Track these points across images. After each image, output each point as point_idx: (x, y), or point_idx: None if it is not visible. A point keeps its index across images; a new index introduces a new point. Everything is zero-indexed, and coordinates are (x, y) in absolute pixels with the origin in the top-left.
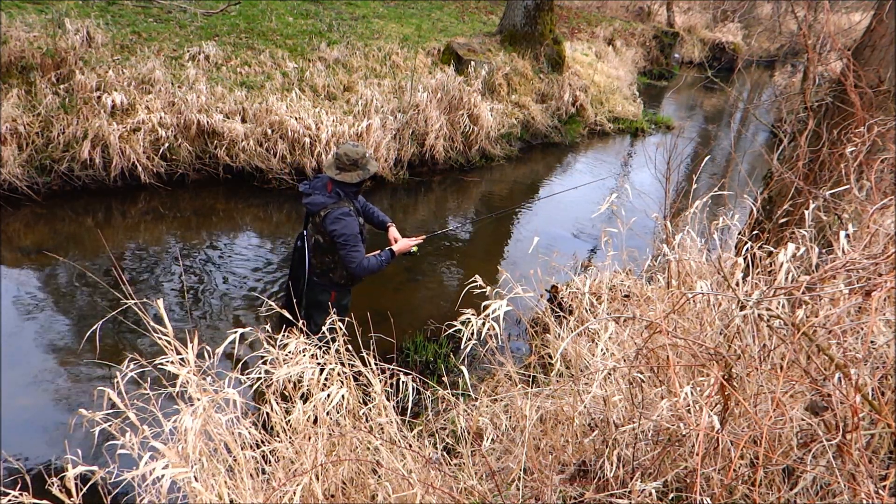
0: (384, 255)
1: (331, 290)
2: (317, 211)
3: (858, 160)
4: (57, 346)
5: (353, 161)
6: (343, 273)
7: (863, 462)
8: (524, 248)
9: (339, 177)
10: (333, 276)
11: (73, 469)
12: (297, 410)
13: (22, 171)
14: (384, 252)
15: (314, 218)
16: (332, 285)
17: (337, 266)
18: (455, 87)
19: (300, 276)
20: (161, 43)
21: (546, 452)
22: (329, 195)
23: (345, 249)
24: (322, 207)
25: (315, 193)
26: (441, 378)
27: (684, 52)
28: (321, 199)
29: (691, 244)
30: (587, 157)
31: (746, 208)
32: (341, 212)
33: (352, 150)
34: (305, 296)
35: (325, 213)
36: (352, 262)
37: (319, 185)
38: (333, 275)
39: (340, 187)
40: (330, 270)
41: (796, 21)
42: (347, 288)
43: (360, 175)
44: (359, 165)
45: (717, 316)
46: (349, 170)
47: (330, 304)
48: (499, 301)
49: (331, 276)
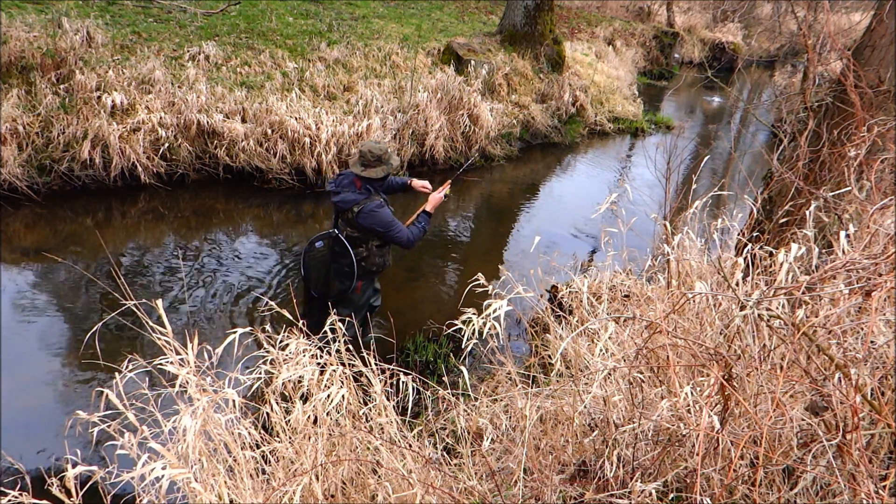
0: (422, 218)
1: (358, 280)
2: (349, 207)
3: (858, 160)
4: (57, 346)
5: (377, 157)
6: (374, 261)
7: (863, 462)
8: (524, 248)
9: (365, 173)
10: (366, 265)
11: (73, 469)
12: (296, 410)
13: (22, 171)
14: (420, 216)
15: (346, 214)
16: (363, 274)
17: (370, 255)
18: (455, 87)
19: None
20: (161, 43)
21: (546, 452)
22: (359, 192)
23: (390, 233)
24: (354, 203)
25: (344, 191)
26: (441, 378)
27: (684, 52)
28: (352, 197)
29: (691, 244)
30: (587, 157)
31: (746, 208)
32: (375, 205)
33: (375, 147)
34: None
35: (359, 208)
36: (401, 241)
37: (346, 183)
38: (366, 263)
39: (368, 182)
40: (363, 259)
41: (796, 21)
42: (373, 277)
43: (385, 170)
44: (382, 161)
45: (717, 316)
46: (374, 165)
47: (354, 295)
48: (499, 301)
49: (363, 264)
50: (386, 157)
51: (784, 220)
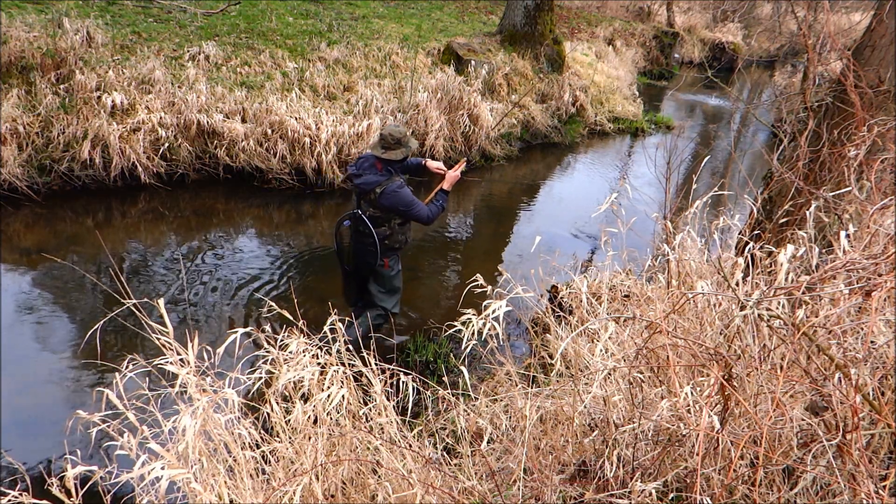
0: (440, 196)
1: (384, 257)
2: (371, 189)
3: (859, 160)
4: (57, 346)
5: (396, 140)
6: (398, 238)
7: (863, 462)
8: (524, 248)
9: (386, 155)
10: (389, 242)
11: (73, 469)
12: (297, 410)
13: (22, 171)
14: (438, 194)
15: (368, 196)
16: (385, 251)
17: (393, 233)
18: (455, 87)
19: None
20: (161, 43)
21: (546, 452)
22: (381, 173)
23: (411, 212)
24: (376, 185)
25: (365, 174)
26: (441, 378)
27: (684, 52)
28: (374, 178)
29: (691, 244)
30: (587, 157)
31: (746, 208)
32: (396, 185)
33: (395, 130)
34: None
35: (381, 189)
36: (422, 218)
37: (367, 166)
38: (389, 241)
39: (388, 164)
40: (386, 238)
41: (796, 21)
42: (398, 253)
43: (404, 152)
44: (402, 143)
45: (717, 316)
46: (394, 148)
47: (384, 271)
48: (499, 301)
49: (386, 242)
50: (405, 140)
51: (784, 220)
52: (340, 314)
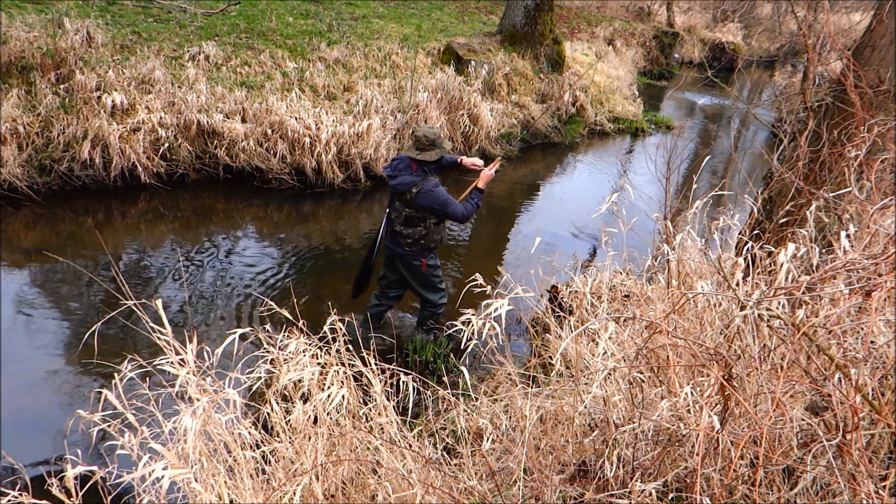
0: (474, 194)
1: (420, 257)
2: (407, 189)
3: (859, 160)
4: (57, 345)
5: (431, 141)
6: (433, 238)
7: (863, 462)
8: (524, 247)
9: (421, 156)
10: (425, 242)
11: (73, 469)
12: (297, 410)
13: (22, 171)
14: (473, 192)
15: (404, 196)
16: (423, 251)
17: (429, 232)
18: (455, 87)
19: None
20: (161, 43)
21: (546, 452)
22: (416, 174)
23: (447, 211)
24: (412, 185)
25: (401, 175)
26: (441, 378)
27: (684, 52)
28: (409, 179)
29: (691, 244)
30: (587, 157)
31: (746, 208)
32: (432, 185)
33: (430, 132)
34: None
35: (417, 189)
36: (457, 216)
37: (402, 167)
38: (425, 241)
39: (423, 165)
40: (422, 237)
41: (796, 21)
42: (434, 252)
43: (438, 153)
44: (436, 144)
45: (718, 316)
46: (429, 149)
47: (422, 270)
48: (499, 301)
49: (422, 242)
50: (440, 141)
51: (784, 220)
52: (340, 314)
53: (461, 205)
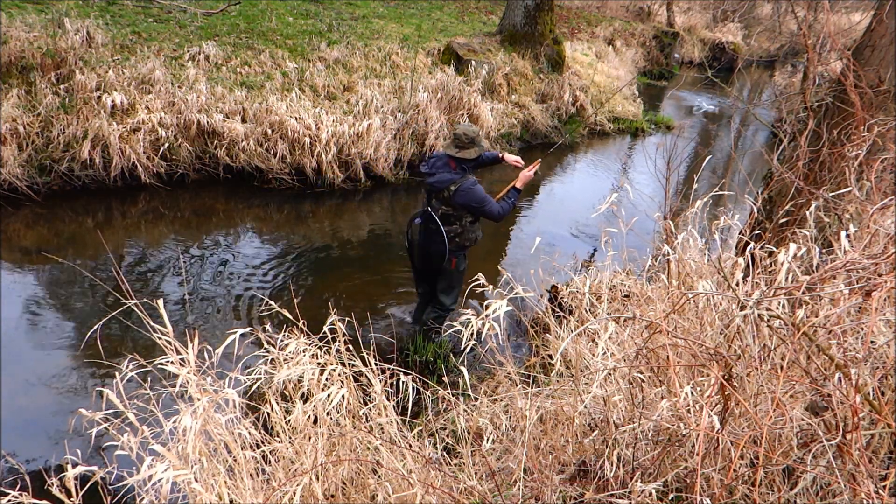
0: (512, 194)
1: (453, 255)
2: (445, 187)
3: (858, 160)
4: (57, 346)
5: (470, 139)
6: (468, 237)
7: (863, 462)
8: (524, 247)
9: (460, 154)
10: (460, 240)
11: (73, 469)
12: (297, 410)
13: (22, 171)
14: (511, 191)
15: (441, 193)
16: (457, 249)
17: (464, 230)
18: (455, 87)
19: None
20: (161, 43)
21: (546, 452)
22: (455, 172)
23: (484, 209)
24: (451, 183)
25: (439, 172)
26: (441, 378)
27: (684, 52)
28: (448, 177)
29: (692, 244)
30: (587, 157)
31: (746, 208)
32: (470, 182)
33: (469, 130)
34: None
35: (456, 187)
36: (493, 215)
37: (440, 165)
38: (460, 238)
39: (462, 163)
40: (457, 235)
41: (796, 21)
42: (465, 253)
43: (477, 151)
44: (475, 143)
45: (718, 316)
46: (468, 147)
47: (451, 269)
48: (499, 301)
49: (457, 240)
50: (478, 139)
51: (784, 220)
52: (340, 314)
53: (497, 203)
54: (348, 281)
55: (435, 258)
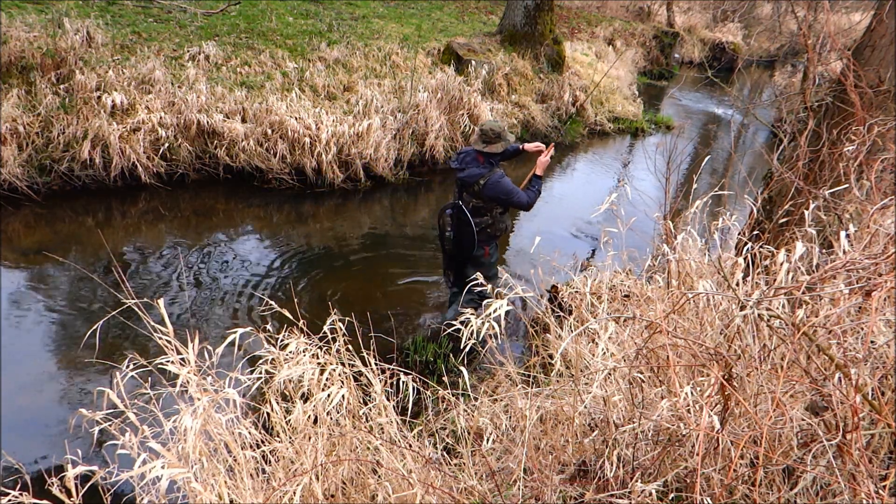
0: (535, 182)
1: (485, 245)
2: (475, 181)
3: (858, 160)
4: (57, 345)
5: (497, 134)
6: (498, 227)
7: (863, 462)
8: (524, 248)
9: (487, 149)
10: (490, 231)
11: (73, 469)
12: (297, 410)
13: (22, 171)
14: (533, 180)
15: (471, 188)
16: (487, 240)
17: (494, 221)
18: (455, 87)
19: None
20: (161, 43)
21: (546, 452)
22: (483, 166)
23: (513, 199)
24: (480, 177)
25: (468, 167)
26: (441, 378)
27: (684, 52)
28: (477, 171)
29: (691, 244)
30: (587, 157)
31: (746, 208)
32: (498, 175)
33: (495, 125)
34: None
35: (485, 181)
36: (522, 205)
37: (469, 160)
38: (490, 229)
39: (490, 157)
40: (488, 227)
41: (796, 21)
42: (496, 242)
43: (503, 145)
44: (502, 137)
45: (718, 316)
46: (494, 142)
47: (483, 259)
48: (499, 301)
49: (488, 231)
50: (504, 134)
51: (784, 219)
52: (340, 314)
53: (524, 193)
54: (348, 281)
55: (467, 247)
